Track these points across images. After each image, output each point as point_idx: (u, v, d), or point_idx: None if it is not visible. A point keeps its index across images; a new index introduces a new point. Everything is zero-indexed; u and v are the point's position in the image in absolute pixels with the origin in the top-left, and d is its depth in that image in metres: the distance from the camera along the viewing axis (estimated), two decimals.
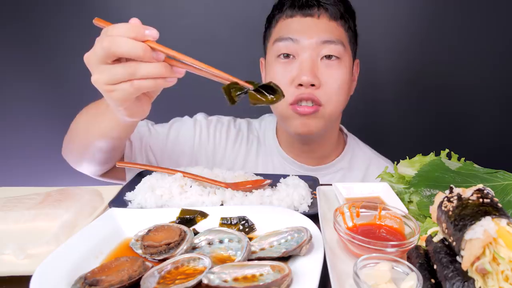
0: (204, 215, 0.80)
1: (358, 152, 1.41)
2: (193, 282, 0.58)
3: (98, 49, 0.75)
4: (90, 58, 0.78)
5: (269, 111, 1.28)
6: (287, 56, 1.17)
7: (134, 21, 0.75)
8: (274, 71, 1.19)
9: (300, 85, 1.14)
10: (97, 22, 0.79)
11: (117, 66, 0.76)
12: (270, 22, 1.26)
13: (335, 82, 1.16)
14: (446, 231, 0.55)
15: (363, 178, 1.36)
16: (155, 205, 0.86)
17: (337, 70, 1.17)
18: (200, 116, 1.39)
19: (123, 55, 0.74)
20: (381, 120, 2.13)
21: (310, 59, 1.14)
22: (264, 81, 1.24)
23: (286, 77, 1.16)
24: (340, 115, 1.32)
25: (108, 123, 0.97)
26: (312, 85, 1.14)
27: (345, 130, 1.45)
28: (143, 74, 0.74)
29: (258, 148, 1.38)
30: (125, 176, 1.24)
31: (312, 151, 1.32)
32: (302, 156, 1.33)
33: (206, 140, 1.34)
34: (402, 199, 0.87)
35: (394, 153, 1.27)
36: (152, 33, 0.74)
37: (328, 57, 1.15)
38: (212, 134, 1.35)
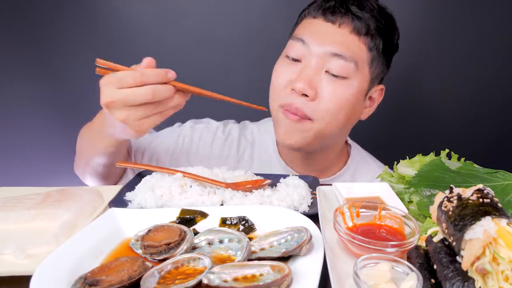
0: (204, 215, 0.80)
1: (362, 165, 1.35)
2: (193, 282, 0.58)
3: (132, 98, 0.83)
4: (117, 103, 0.85)
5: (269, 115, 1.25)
6: (294, 60, 1.12)
7: (150, 62, 0.90)
8: (278, 68, 1.16)
9: (294, 90, 1.08)
10: (100, 63, 0.89)
11: (148, 105, 0.86)
12: (298, 17, 1.22)
13: (333, 99, 1.08)
14: (446, 231, 0.55)
15: None
16: (155, 205, 0.86)
17: (340, 89, 1.08)
18: (188, 125, 1.36)
19: (162, 99, 0.86)
20: (381, 120, 2.13)
21: (313, 67, 1.08)
22: None
23: (286, 78, 1.12)
24: (345, 134, 1.25)
25: (104, 144, 1.05)
26: (306, 95, 1.07)
27: (349, 140, 1.39)
28: (171, 106, 0.89)
29: (252, 153, 1.33)
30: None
31: (312, 163, 1.27)
32: (302, 166, 1.28)
33: (189, 147, 1.31)
34: (402, 199, 0.87)
35: (394, 153, 1.27)
36: (172, 75, 0.88)
37: (333, 74, 1.08)
38: (196, 142, 1.32)
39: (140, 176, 1.02)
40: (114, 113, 0.86)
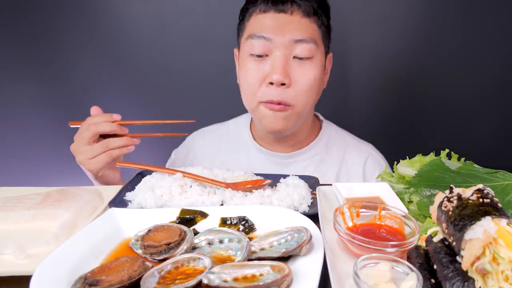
0: (204, 215, 0.80)
1: (335, 136, 1.42)
2: (193, 282, 0.58)
3: (85, 134, 1.05)
4: (77, 145, 1.07)
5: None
6: (260, 56, 1.18)
7: (96, 111, 1.11)
8: (247, 68, 1.20)
9: (271, 83, 1.15)
10: (73, 124, 1.12)
11: (95, 144, 1.06)
12: (244, 15, 1.26)
13: (306, 81, 1.17)
14: (446, 231, 0.55)
15: (341, 161, 1.36)
16: (155, 205, 0.86)
17: (309, 69, 1.17)
18: (172, 156, 1.52)
19: (105, 132, 1.06)
20: (381, 119, 2.13)
21: (282, 57, 1.15)
22: (238, 74, 1.31)
23: (259, 75, 1.18)
24: (313, 107, 1.33)
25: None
26: (283, 84, 1.15)
27: (321, 117, 1.46)
28: (114, 145, 1.06)
29: (228, 143, 1.42)
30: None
31: (286, 140, 1.34)
32: (276, 145, 1.35)
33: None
34: (402, 199, 0.87)
35: (393, 153, 1.27)
36: (117, 116, 1.09)
37: (300, 57, 1.17)
38: (182, 162, 1.46)
39: (140, 176, 1.02)
40: (76, 158, 1.08)
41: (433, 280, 0.55)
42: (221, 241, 0.70)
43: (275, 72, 1.14)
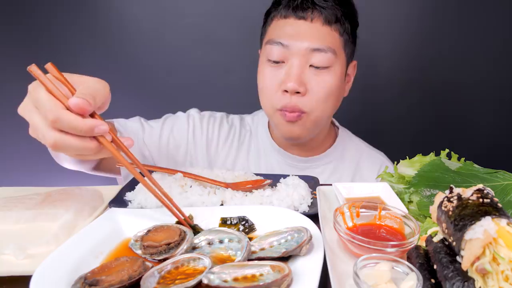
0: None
1: (350, 143, 1.42)
2: (193, 282, 0.58)
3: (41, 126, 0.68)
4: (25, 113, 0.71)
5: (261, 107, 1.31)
6: (276, 62, 1.16)
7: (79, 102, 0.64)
8: (264, 73, 1.20)
9: (286, 91, 1.13)
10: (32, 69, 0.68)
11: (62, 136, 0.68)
12: (266, 18, 1.25)
13: (322, 89, 1.15)
14: (446, 231, 0.55)
15: (355, 169, 1.37)
16: (155, 205, 0.86)
17: (326, 77, 1.15)
18: (193, 111, 1.40)
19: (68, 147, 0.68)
20: (381, 120, 2.13)
21: (298, 65, 1.13)
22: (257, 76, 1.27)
23: (274, 81, 1.16)
24: (330, 116, 1.32)
25: None
26: (298, 92, 1.13)
27: (336, 123, 1.46)
28: (90, 157, 0.72)
29: (250, 141, 1.40)
30: (118, 169, 1.23)
31: (302, 144, 1.34)
32: (293, 148, 1.35)
33: (199, 134, 1.35)
34: (402, 199, 0.87)
35: (394, 153, 1.27)
36: (100, 130, 0.67)
37: (317, 66, 1.14)
38: (205, 128, 1.36)
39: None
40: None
41: (433, 280, 0.55)
42: (221, 241, 0.70)
43: (289, 80, 1.12)
